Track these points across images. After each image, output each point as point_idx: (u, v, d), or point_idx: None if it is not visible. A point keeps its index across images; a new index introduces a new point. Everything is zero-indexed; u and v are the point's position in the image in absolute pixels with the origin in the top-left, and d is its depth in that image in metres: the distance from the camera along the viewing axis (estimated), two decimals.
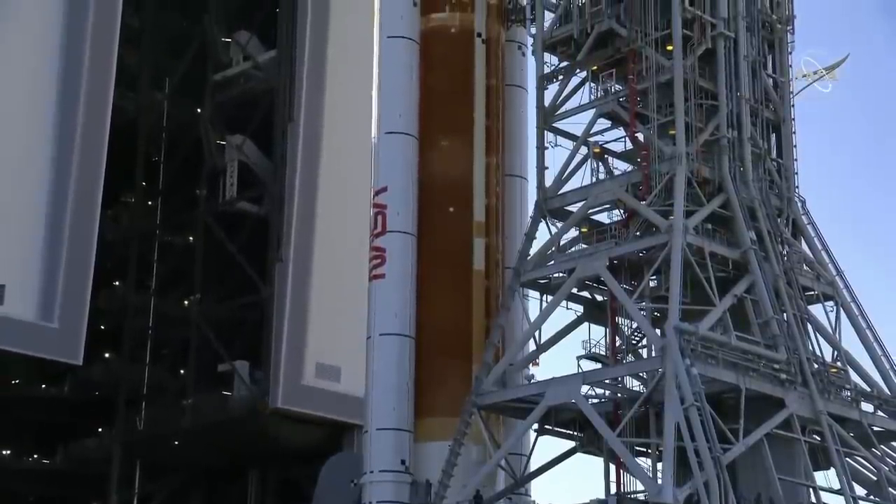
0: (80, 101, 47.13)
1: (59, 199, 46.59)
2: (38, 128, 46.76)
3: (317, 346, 48.72)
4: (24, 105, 46.54)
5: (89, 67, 47.49)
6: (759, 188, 34.40)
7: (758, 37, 35.49)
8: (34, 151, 46.49)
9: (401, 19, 35.49)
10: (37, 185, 46.49)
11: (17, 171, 46.22)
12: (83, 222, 46.79)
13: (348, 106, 48.62)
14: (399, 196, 34.63)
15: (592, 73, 35.02)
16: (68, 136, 47.01)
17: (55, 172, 46.71)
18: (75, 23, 47.38)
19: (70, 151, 46.91)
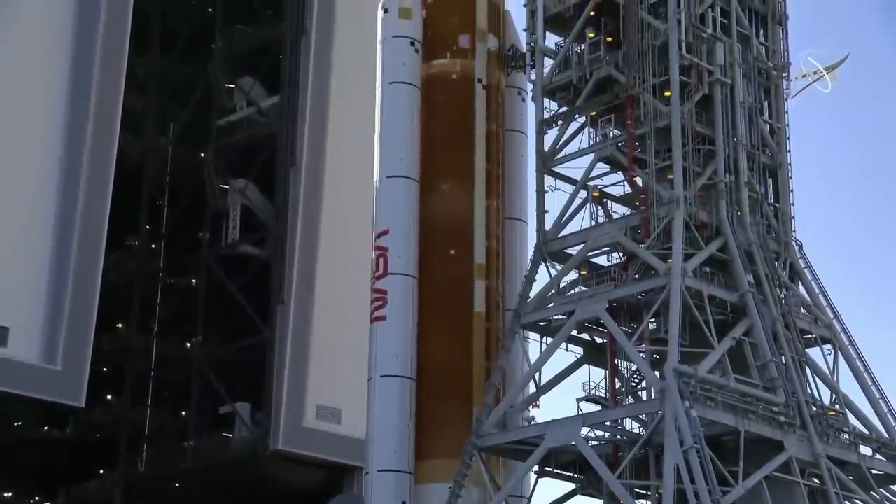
0: (85, 146, 47.70)
1: (64, 243, 47.00)
2: (45, 171, 47.29)
3: (317, 388, 48.91)
4: (32, 149, 47.10)
5: (95, 113, 48.10)
6: (756, 232, 34.77)
7: (754, 83, 36.04)
8: (40, 194, 46.97)
9: (403, 66, 36.07)
10: (42, 227, 46.93)
11: (23, 214, 46.68)
12: (87, 266, 47.17)
13: (349, 150, 49.20)
14: (400, 239, 34.99)
15: (591, 119, 35.54)
16: (74, 180, 47.52)
17: (60, 216, 47.16)
18: (82, 69, 48.06)
19: (75, 195, 47.39)
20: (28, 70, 47.53)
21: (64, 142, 47.67)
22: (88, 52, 48.21)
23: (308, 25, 52.08)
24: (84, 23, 48.38)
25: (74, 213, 47.26)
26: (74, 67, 48.07)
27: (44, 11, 47.78)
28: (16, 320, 45.63)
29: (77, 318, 46.69)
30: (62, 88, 47.83)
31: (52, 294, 46.53)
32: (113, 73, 48.64)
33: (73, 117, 47.84)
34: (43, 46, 47.81)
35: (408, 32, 36.31)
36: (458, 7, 37.23)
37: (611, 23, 35.46)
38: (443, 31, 36.91)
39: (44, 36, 47.79)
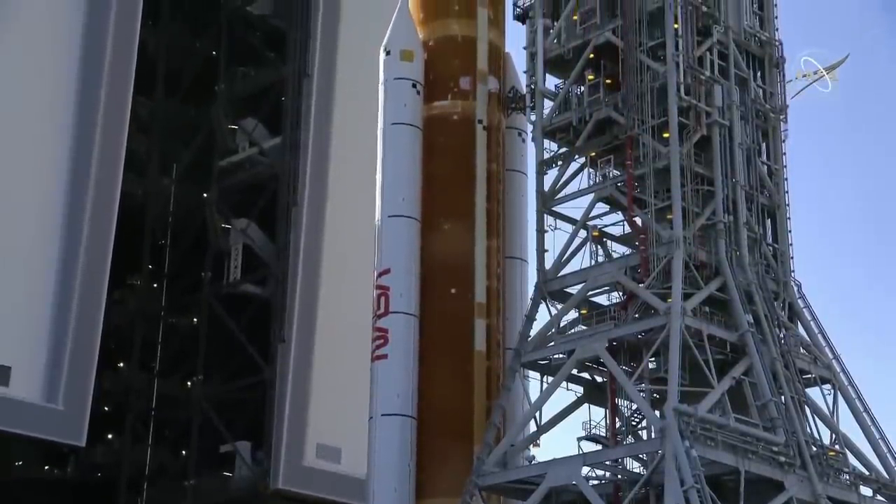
0: (89, 187, 47.96)
1: (67, 282, 47.15)
2: (48, 210, 47.53)
3: (317, 427, 48.88)
4: (36, 188, 47.38)
5: (99, 153, 48.41)
6: (755, 272, 35.00)
7: (752, 125, 36.42)
8: (43, 233, 47.18)
9: (404, 107, 36.50)
10: (45, 267, 47.09)
11: (25, 253, 46.86)
12: (89, 305, 47.29)
13: (351, 190, 49.49)
14: (402, 278, 35.22)
15: (591, 159, 35.91)
16: (77, 220, 47.75)
17: (63, 255, 47.34)
18: (86, 110, 48.44)
19: (78, 235, 47.59)
20: (33, 110, 47.92)
21: (68, 182, 47.95)
22: (93, 93, 48.62)
23: (310, 68, 52.57)
24: (89, 64, 48.84)
25: (77, 252, 47.45)
26: (79, 108, 48.46)
27: (49, 53, 48.27)
28: (18, 359, 45.68)
29: (79, 358, 46.75)
30: (66, 129, 48.19)
31: (54, 333, 46.61)
32: (117, 114, 49.03)
33: (76, 157, 48.16)
34: (48, 87, 48.25)
35: (409, 74, 36.76)
36: (459, 49, 37.72)
37: (610, 65, 35.90)
38: (444, 73, 37.39)
39: (49, 77, 48.26)
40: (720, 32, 35.98)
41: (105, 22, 48.95)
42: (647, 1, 35.42)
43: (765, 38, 37.59)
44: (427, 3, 38.25)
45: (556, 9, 37.30)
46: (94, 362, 46.96)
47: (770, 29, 37.97)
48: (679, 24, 34.85)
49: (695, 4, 35.43)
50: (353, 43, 52.30)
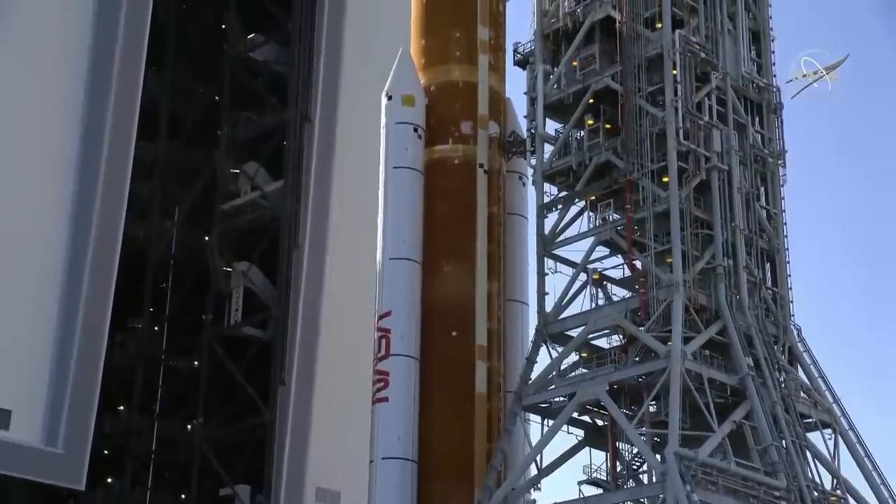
0: (91, 230, 48.07)
1: (68, 326, 47.12)
2: (51, 254, 47.62)
3: (317, 470, 48.63)
4: (40, 230, 47.50)
5: (102, 198, 48.53)
6: (755, 316, 35.15)
7: (751, 170, 36.73)
8: (45, 276, 47.24)
9: (406, 151, 36.88)
10: (46, 310, 47.10)
11: (27, 296, 46.92)
12: (90, 349, 47.20)
13: (351, 233, 49.65)
14: (403, 320, 35.36)
15: (591, 203, 36.19)
16: (79, 263, 47.81)
17: (65, 299, 47.34)
18: (90, 155, 48.68)
19: (80, 279, 47.63)
20: (37, 154, 48.16)
21: (70, 225, 48.04)
22: (97, 136, 48.88)
23: (311, 113, 52.92)
24: (93, 108, 49.16)
25: (79, 296, 47.47)
26: (83, 152, 48.69)
27: (54, 97, 48.64)
28: (18, 403, 45.55)
29: (79, 401, 46.61)
30: (70, 171, 48.38)
31: (55, 377, 46.50)
32: (120, 158, 49.25)
33: (79, 200, 48.30)
34: (52, 130, 48.54)
35: (411, 119, 37.17)
36: (460, 94, 38.17)
37: (609, 110, 36.30)
38: (445, 118, 37.81)
39: (53, 120, 48.58)
40: (718, 78, 36.39)
41: (109, 67, 49.35)
42: (646, 47, 35.85)
43: (763, 84, 37.99)
44: (428, 50, 38.76)
45: (556, 55, 37.79)
46: (94, 405, 46.83)
47: (768, 75, 38.39)
48: (678, 70, 35.27)
49: (693, 51, 35.85)
50: (354, 88, 52.69)
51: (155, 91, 55.12)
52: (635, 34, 35.80)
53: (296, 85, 53.04)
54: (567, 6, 37.85)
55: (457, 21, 38.76)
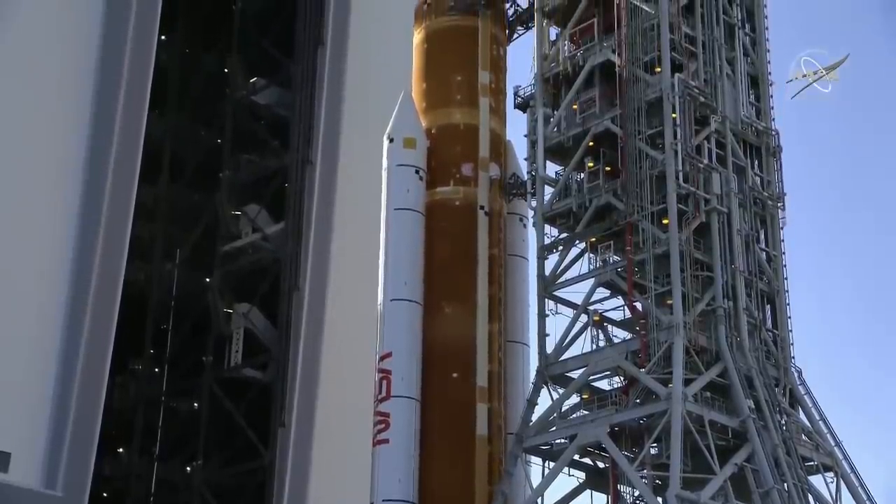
0: (93, 275, 48.09)
1: (68, 369, 46.87)
2: (51, 297, 47.61)
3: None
4: (40, 273, 47.57)
5: (103, 241, 48.52)
6: (755, 358, 35.17)
7: (750, 212, 36.92)
8: (46, 320, 47.15)
9: (407, 192, 37.13)
10: (47, 353, 46.94)
11: (27, 339, 46.84)
12: (90, 392, 46.87)
13: (352, 274, 49.68)
14: (403, 361, 35.41)
15: (591, 245, 36.35)
16: (80, 307, 47.71)
17: (65, 342, 47.13)
18: (91, 199, 48.77)
19: (81, 322, 47.39)
20: (39, 197, 48.31)
21: (71, 269, 48.07)
22: (99, 181, 49.02)
23: (313, 155, 53.15)
24: (95, 153, 49.29)
25: (79, 338, 47.24)
26: (84, 196, 48.81)
27: (56, 140, 48.92)
28: (18, 446, 45.26)
29: (79, 444, 46.25)
30: (72, 217, 48.51)
31: (55, 420, 46.24)
32: (122, 202, 49.34)
33: (81, 245, 48.30)
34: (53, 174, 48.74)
35: (412, 161, 37.44)
36: (461, 137, 38.48)
37: (609, 152, 36.57)
38: (446, 160, 38.10)
39: (55, 164, 48.78)
40: (718, 122, 36.69)
41: (112, 111, 49.66)
42: (646, 91, 36.17)
43: (761, 128, 38.28)
44: (430, 93, 39.14)
45: (556, 98, 38.13)
46: (93, 448, 46.47)
47: (766, 119, 38.71)
48: (677, 114, 35.56)
49: (692, 95, 36.17)
50: (355, 131, 52.86)
51: (157, 134, 55.39)
52: (635, 78, 36.13)
53: (297, 128, 53.37)
54: (567, 51, 38.26)
55: (458, 65, 39.20)
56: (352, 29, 53.53)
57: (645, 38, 36.51)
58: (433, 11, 40.02)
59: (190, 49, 57.44)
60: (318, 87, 52.99)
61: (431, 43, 39.71)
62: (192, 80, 57.31)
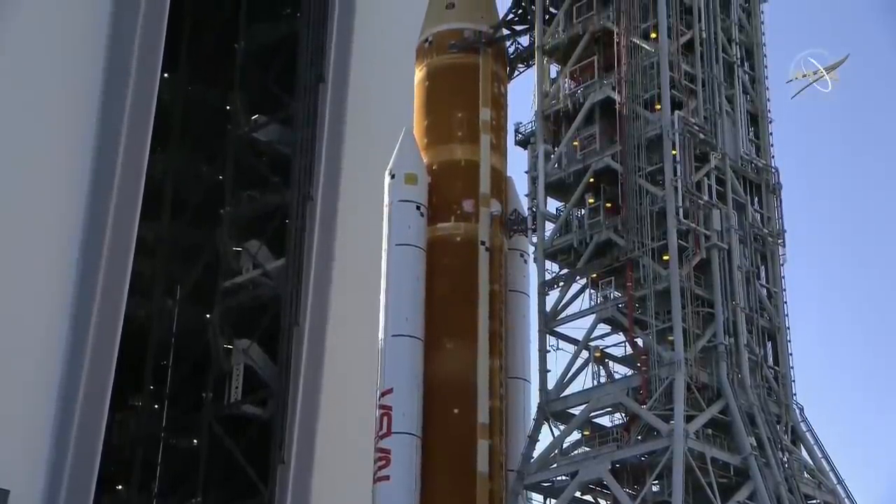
0: (93, 310, 48.18)
1: (68, 406, 46.98)
2: (52, 332, 47.66)
3: None
4: (42, 309, 47.62)
5: (104, 279, 48.78)
6: (757, 395, 35.07)
7: (750, 248, 36.96)
8: (47, 355, 47.26)
9: (408, 228, 37.22)
10: (46, 390, 47.01)
11: (28, 375, 46.86)
12: (90, 429, 46.99)
13: (352, 310, 49.79)
14: (404, 397, 35.32)
15: (592, 281, 36.33)
16: (80, 343, 47.81)
17: (65, 379, 47.28)
18: (93, 236, 48.97)
19: (80, 359, 47.60)
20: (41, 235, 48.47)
21: (72, 305, 48.22)
22: (100, 217, 49.27)
23: (314, 192, 53.43)
24: (97, 190, 49.59)
25: (79, 375, 47.41)
26: (87, 233, 49.01)
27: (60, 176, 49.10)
28: (17, 482, 45.22)
29: (78, 481, 46.26)
30: (72, 253, 48.69)
31: (54, 456, 46.24)
32: (123, 238, 49.59)
33: (82, 281, 48.54)
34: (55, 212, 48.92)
35: (414, 197, 37.58)
36: (462, 173, 38.64)
37: (609, 189, 36.65)
38: (447, 196, 38.23)
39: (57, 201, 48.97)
40: (717, 159, 36.80)
41: (114, 147, 49.99)
42: (646, 128, 36.33)
43: (761, 165, 38.43)
44: (431, 129, 39.35)
45: (557, 135, 38.27)
46: (92, 485, 46.47)
47: (766, 156, 38.85)
48: (677, 151, 35.68)
49: (692, 132, 36.32)
50: (356, 167, 53.28)
51: (159, 171, 55.69)
52: (635, 115, 36.31)
53: (298, 165, 53.66)
54: (567, 88, 38.47)
55: (459, 102, 39.43)
56: (353, 67, 54.15)
57: (645, 75, 36.72)
58: (434, 49, 40.32)
59: (192, 87, 57.97)
60: (319, 124, 53.55)
61: (433, 80, 39.98)
62: (194, 117, 57.84)
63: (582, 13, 38.50)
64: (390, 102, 49.40)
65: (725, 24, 38.76)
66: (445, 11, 40.48)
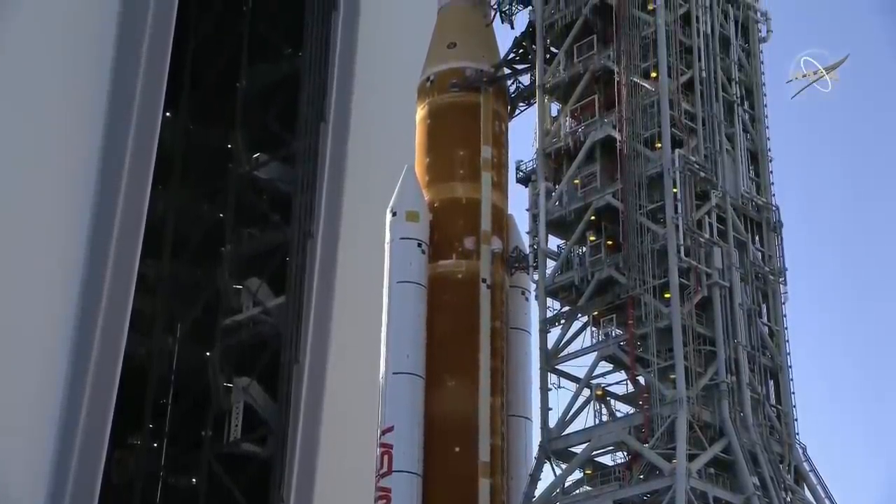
0: (93, 348, 48.09)
1: (67, 443, 46.77)
2: (52, 370, 47.52)
3: None
4: (41, 345, 47.52)
5: (105, 315, 48.71)
6: (759, 433, 34.89)
7: (752, 286, 36.92)
8: (46, 393, 47.10)
9: (410, 265, 37.21)
10: (45, 428, 46.80)
11: (27, 414, 46.67)
12: (89, 466, 46.74)
13: (353, 348, 49.69)
14: (405, 436, 35.14)
15: (593, 318, 36.26)
16: (80, 380, 47.71)
17: (65, 416, 47.12)
18: (94, 274, 48.98)
19: (81, 394, 47.47)
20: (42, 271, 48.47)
21: (72, 341, 48.12)
22: (101, 255, 49.30)
23: (314, 229, 53.50)
24: (99, 227, 49.67)
25: (79, 414, 47.22)
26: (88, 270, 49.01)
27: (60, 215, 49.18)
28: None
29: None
30: (73, 292, 48.67)
31: (53, 495, 45.97)
32: (124, 276, 49.59)
33: (82, 317, 48.47)
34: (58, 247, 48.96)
35: (415, 234, 37.62)
36: (463, 211, 38.71)
37: (611, 226, 36.67)
38: (449, 234, 38.26)
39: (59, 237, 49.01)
40: (718, 197, 36.86)
41: (117, 185, 50.11)
42: (646, 166, 36.43)
43: (761, 203, 38.50)
44: (432, 167, 39.48)
45: (558, 172, 38.36)
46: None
47: (766, 194, 38.92)
48: (678, 189, 35.74)
49: (693, 170, 36.40)
50: (356, 205, 53.39)
51: (160, 209, 55.80)
52: (635, 153, 36.42)
53: (299, 202, 53.77)
54: (568, 126, 38.60)
55: (460, 140, 39.58)
56: (354, 105, 54.39)
57: (645, 114, 36.87)
58: (436, 88, 40.54)
59: (194, 125, 58.20)
60: (320, 162, 53.70)
61: (434, 118, 40.17)
62: (196, 155, 58.02)
63: (582, 52, 38.73)
64: (391, 140, 49.60)
65: (725, 63, 38.99)
66: (447, 51, 40.73)
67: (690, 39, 38.15)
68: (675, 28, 37.78)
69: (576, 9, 39.00)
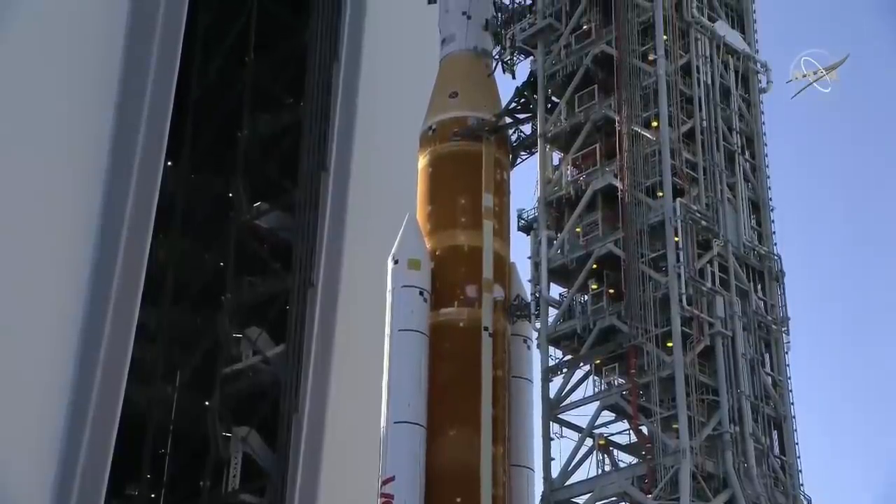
0: (92, 396, 47.82)
1: (65, 494, 46.35)
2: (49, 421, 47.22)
3: None
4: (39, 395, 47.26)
5: (104, 366, 48.52)
6: (764, 484, 34.60)
7: (755, 336, 36.81)
8: (44, 444, 46.76)
9: (411, 314, 37.07)
10: (43, 477, 46.42)
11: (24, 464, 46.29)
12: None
13: (353, 397, 49.42)
14: (406, 485, 34.76)
15: (595, 367, 36.11)
16: (78, 430, 47.40)
17: (62, 467, 46.74)
18: (93, 321, 48.84)
19: (78, 445, 47.13)
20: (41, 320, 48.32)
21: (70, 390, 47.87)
22: (101, 304, 49.18)
23: (315, 278, 53.46)
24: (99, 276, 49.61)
25: (77, 463, 46.86)
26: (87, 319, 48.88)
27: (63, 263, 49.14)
28: None
29: None
30: (73, 339, 48.50)
31: None
32: (124, 325, 49.45)
33: (81, 366, 48.26)
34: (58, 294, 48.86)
35: (416, 282, 37.52)
36: (465, 259, 38.62)
37: (612, 275, 36.62)
38: (450, 281, 38.14)
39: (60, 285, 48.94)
40: (720, 246, 36.87)
41: (117, 233, 50.13)
42: (648, 214, 36.48)
43: (763, 252, 38.50)
44: (434, 215, 39.47)
45: (559, 221, 38.42)
46: None
47: (768, 243, 38.94)
48: (679, 237, 35.77)
49: (694, 219, 36.46)
50: (357, 253, 53.38)
51: (161, 257, 55.79)
52: (637, 202, 36.49)
53: (300, 251, 53.76)
54: (569, 175, 38.72)
55: (462, 188, 39.61)
56: (356, 154, 54.59)
57: (646, 163, 36.99)
58: (437, 137, 40.67)
59: (195, 174, 58.38)
60: (321, 211, 53.79)
61: (436, 167, 40.25)
62: (197, 203, 58.13)
63: (583, 102, 38.94)
64: (393, 189, 49.68)
65: (726, 113, 39.19)
66: (449, 100, 40.93)
67: (691, 90, 38.37)
68: (675, 78, 38.02)
69: (577, 59, 39.29)
